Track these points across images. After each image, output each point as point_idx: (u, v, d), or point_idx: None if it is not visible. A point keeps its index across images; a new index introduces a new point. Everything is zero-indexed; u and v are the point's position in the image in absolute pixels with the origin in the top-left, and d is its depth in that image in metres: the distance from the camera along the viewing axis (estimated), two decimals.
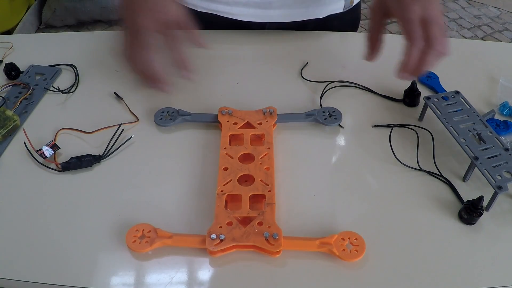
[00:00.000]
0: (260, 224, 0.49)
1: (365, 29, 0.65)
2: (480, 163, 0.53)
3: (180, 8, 0.61)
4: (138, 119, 0.63)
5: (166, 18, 0.59)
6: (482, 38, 2.25)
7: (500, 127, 0.62)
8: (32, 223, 0.52)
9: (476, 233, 0.51)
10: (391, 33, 0.71)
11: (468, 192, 0.55)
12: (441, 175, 0.57)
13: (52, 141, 0.59)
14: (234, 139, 0.60)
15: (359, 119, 0.65)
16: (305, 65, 0.73)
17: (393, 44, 0.81)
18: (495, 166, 0.52)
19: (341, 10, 0.81)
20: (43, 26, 2.28)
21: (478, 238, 0.51)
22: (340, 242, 0.48)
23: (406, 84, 0.66)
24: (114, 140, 0.60)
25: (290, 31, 0.80)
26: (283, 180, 0.56)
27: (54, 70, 0.71)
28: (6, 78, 0.70)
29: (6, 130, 0.60)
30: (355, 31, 0.89)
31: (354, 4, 0.83)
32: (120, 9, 0.61)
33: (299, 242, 0.49)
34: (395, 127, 0.63)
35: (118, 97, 0.67)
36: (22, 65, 0.71)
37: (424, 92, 0.67)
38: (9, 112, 0.61)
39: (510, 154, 0.54)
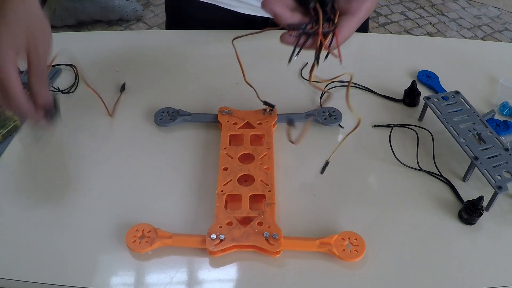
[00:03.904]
0: (260, 224, 0.49)
1: (369, 31, 0.65)
2: (480, 163, 0.53)
3: None
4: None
5: None
6: (482, 38, 2.24)
7: (500, 127, 0.62)
8: (32, 223, 0.52)
9: (476, 233, 0.51)
10: (391, 33, 0.71)
11: (468, 192, 0.55)
12: (441, 175, 0.57)
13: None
14: (234, 139, 0.60)
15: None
16: (305, 65, 0.73)
17: (393, 44, 0.81)
18: (495, 166, 0.52)
19: None
20: None
21: (478, 238, 0.51)
22: (340, 242, 0.48)
23: (406, 84, 0.66)
24: None
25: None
26: (283, 180, 0.56)
27: (54, 70, 0.71)
28: None
29: (6, 130, 0.60)
30: (366, 31, 0.88)
31: None
32: None
33: (299, 242, 0.49)
34: (395, 127, 0.63)
35: (123, 88, 0.67)
36: (22, 65, 0.71)
37: (424, 92, 0.67)
38: (9, 112, 0.61)
39: (510, 154, 0.54)
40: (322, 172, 0.57)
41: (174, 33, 0.81)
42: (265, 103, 0.58)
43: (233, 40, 0.50)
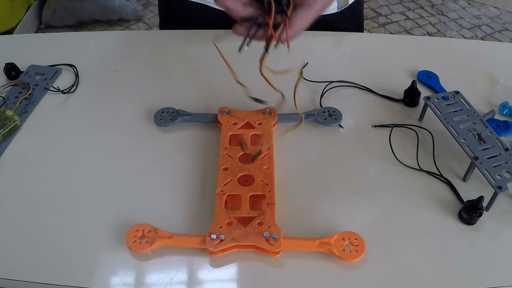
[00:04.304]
0: (260, 224, 0.49)
1: (368, 30, 0.65)
2: (480, 163, 0.53)
3: None
4: None
5: None
6: (482, 38, 2.24)
7: (500, 127, 0.62)
8: (32, 223, 0.52)
9: (476, 233, 0.51)
10: (391, 33, 0.71)
11: (468, 192, 0.55)
12: (441, 175, 0.57)
13: None
14: (234, 139, 0.60)
15: (359, 119, 0.65)
16: (305, 65, 0.73)
17: (393, 44, 0.81)
18: (495, 166, 0.52)
19: (335, 11, 0.80)
20: (43, 26, 2.28)
21: (478, 238, 0.51)
22: (340, 242, 0.48)
23: (406, 84, 0.66)
24: None
25: None
26: (283, 180, 0.56)
27: (54, 70, 0.71)
28: (6, 78, 0.70)
29: (6, 130, 0.60)
30: (361, 31, 0.89)
31: (349, 2, 0.82)
32: None
33: (299, 242, 0.49)
34: (395, 127, 0.63)
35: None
36: (22, 65, 0.71)
37: (424, 92, 0.67)
38: (9, 112, 0.61)
39: (510, 154, 0.54)
40: (253, 160, 0.55)
41: (174, 33, 0.81)
42: (255, 99, 0.56)
43: (214, 41, 0.50)
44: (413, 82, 0.65)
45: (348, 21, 0.85)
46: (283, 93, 0.50)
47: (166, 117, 0.63)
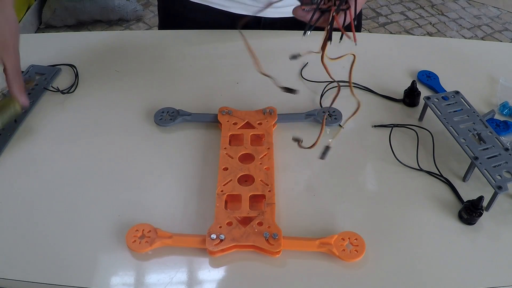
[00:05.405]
0: (260, 224, 0.49)
1: (368, 30, 0.64)
2: (480, 163, 0.53)
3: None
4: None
5: None
6: (482, 38, 2.24)
7: (500, 127, 0.62)
8: (32, 223, 0.52)
9: (476, 233, 0.51)
10: (391, 33, 0.71)
11: (468, 192, 0.55)
12: (441, 175, 0.57)
13: None
14: (234, 139, 0.60)
15: (359, 119, 0.65)
16: (305, 65, 0.73)
17: (393, 44, 0.81)
18: (495, 166, 0.52)
19: None
20: (43, 26, 2.28)
21: (478, 238, 0.51)
22: (340, 242, 0.48)
23: (406, 84, 0.66)
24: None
25: (290, 31, 0.79)
26: (283, 180, 0.56)
27: (54, 70, 0.71)
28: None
29: (7, 115, 0.57)
30: (359, 31, 0.89)
31: None
32: None
33: (299, 242, 0.49)
34: (395, 127, 0.63)
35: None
36: (22, 65, 0.71)
37: (424, 92, 0.67)
38: (9, 99, 0.58)
39: (510, 154, 0.54)
40: (322, 157, 0.51)
41: (174, 33, 0.81)
42: (286, 89, 0.55)
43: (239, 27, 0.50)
44: (413, 82, 0.65)
45: None
46: (337, 82, 0.51)
47: (166, 117, 0.63)
